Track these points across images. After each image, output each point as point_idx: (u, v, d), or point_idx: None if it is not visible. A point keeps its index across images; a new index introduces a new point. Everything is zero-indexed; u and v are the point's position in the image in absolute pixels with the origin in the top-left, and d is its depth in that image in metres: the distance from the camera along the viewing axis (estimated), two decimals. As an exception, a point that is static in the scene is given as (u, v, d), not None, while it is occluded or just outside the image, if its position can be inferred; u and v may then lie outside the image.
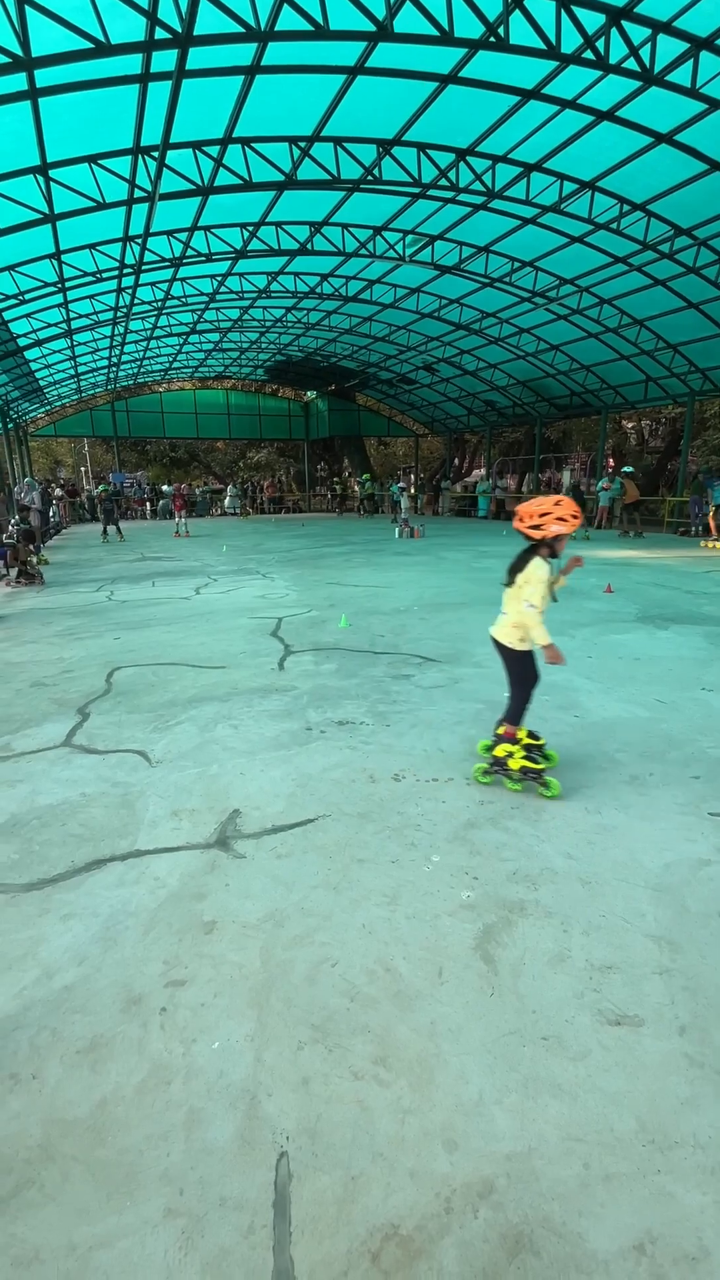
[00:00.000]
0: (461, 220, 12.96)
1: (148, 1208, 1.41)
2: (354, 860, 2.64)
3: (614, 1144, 1.52)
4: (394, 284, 16.82)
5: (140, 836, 2.85)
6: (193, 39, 6.25)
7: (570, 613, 7.22)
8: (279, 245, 13.67)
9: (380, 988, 1.99)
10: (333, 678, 4.99)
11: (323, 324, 20.74)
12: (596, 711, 4.21)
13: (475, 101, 9.21)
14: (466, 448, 35.12)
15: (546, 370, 20.50)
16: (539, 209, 11.94)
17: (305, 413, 32.54)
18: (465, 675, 5.00)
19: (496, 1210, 1.39)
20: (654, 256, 13.01)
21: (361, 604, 7.87)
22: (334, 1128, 1.57)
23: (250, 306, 18.49)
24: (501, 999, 1.94)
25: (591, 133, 9.83)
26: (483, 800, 3.10)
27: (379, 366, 24.89)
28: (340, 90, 8.74)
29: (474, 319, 18.33)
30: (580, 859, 2.62)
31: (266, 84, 8.43)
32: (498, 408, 25.00)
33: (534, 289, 15.58)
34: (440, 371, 23.76)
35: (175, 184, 10.08)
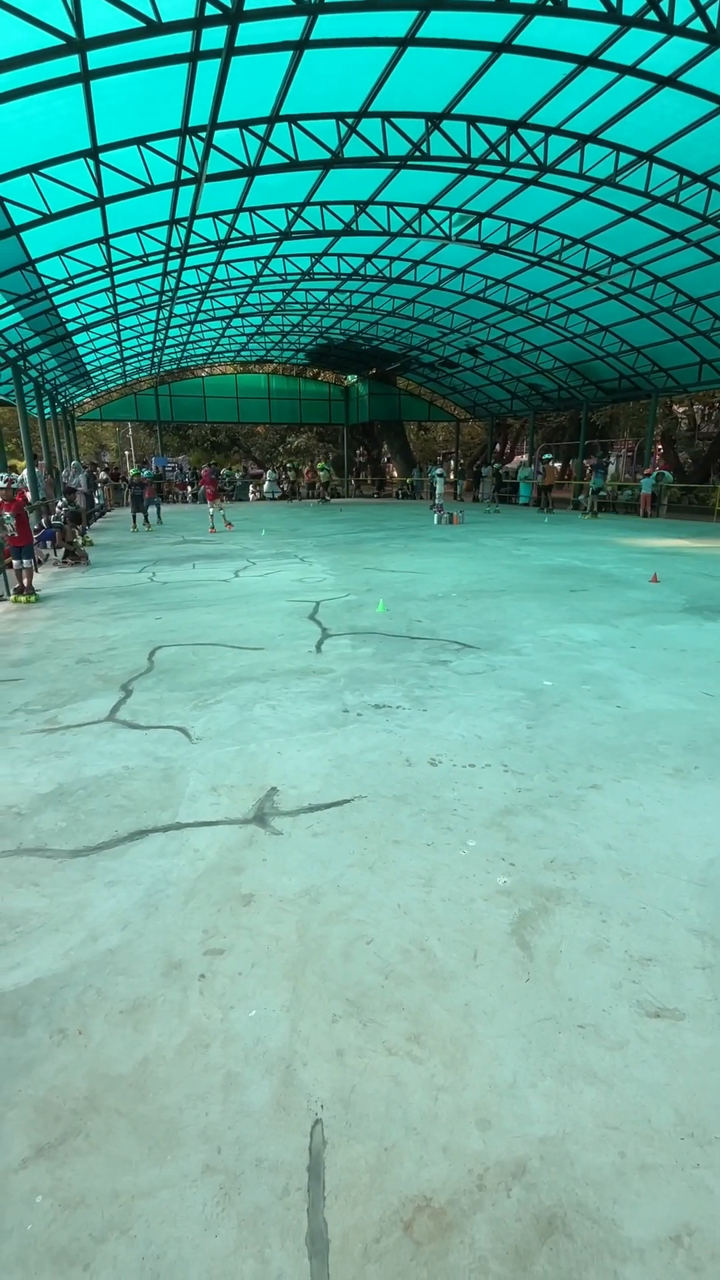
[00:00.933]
0: (510, 197, 12.58)
1: (187, 1163, 1.45)
2: (390, 841, 2.65)
3: (651, 1135, 1.50)
4: (439, 264, 16.48)
5: (181, 810, 2.92)
6: (243, 14, 6.19)
7: (615, 602, 7.05)
8: (323, 226, 13.52)
9: (414, 967, 2.00)
10: (369, 661, 4.99)
11: (365, 306, 20.51)
12: (639, 702, 4.11)
13: (529, 71, 8.88)
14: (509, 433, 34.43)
15: (595, 352, 19.87)
16: (593, 183, 11.49)
17: (345, 397, 32.35)
18: (504, 663, 4.93)
19: (530, 1191, 1.39)
20: (714, 231, 12.41)
21: (399, 589, 7.83)
22: (367, 1099, 1.59)
23: (293, 289, 18.39)
24: (537, 985, 1.93)
25: (651, 100, 9.38)
26: (520, 788, 3.06)
27: (421, 349, 24.53)
28: (390, 63, 8.54)
29: (520, 299, 17.86)
30: (620, 850, 2.57)
31: (315, 59, 8.29)
32: (542, 391, 24.39)
33: (584, 267, 15.06)
34: (484, 354, 23.26)
35: (222, 164, 10.04)
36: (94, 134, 8.64)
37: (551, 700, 4.16)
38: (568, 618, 6.35)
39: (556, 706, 4.06)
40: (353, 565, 9.85)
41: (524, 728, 3.74)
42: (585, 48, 8.37)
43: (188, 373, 31.17)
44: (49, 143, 8.67)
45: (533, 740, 3.57)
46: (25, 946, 2.10)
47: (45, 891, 2.37)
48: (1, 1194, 1.39)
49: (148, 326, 19.63)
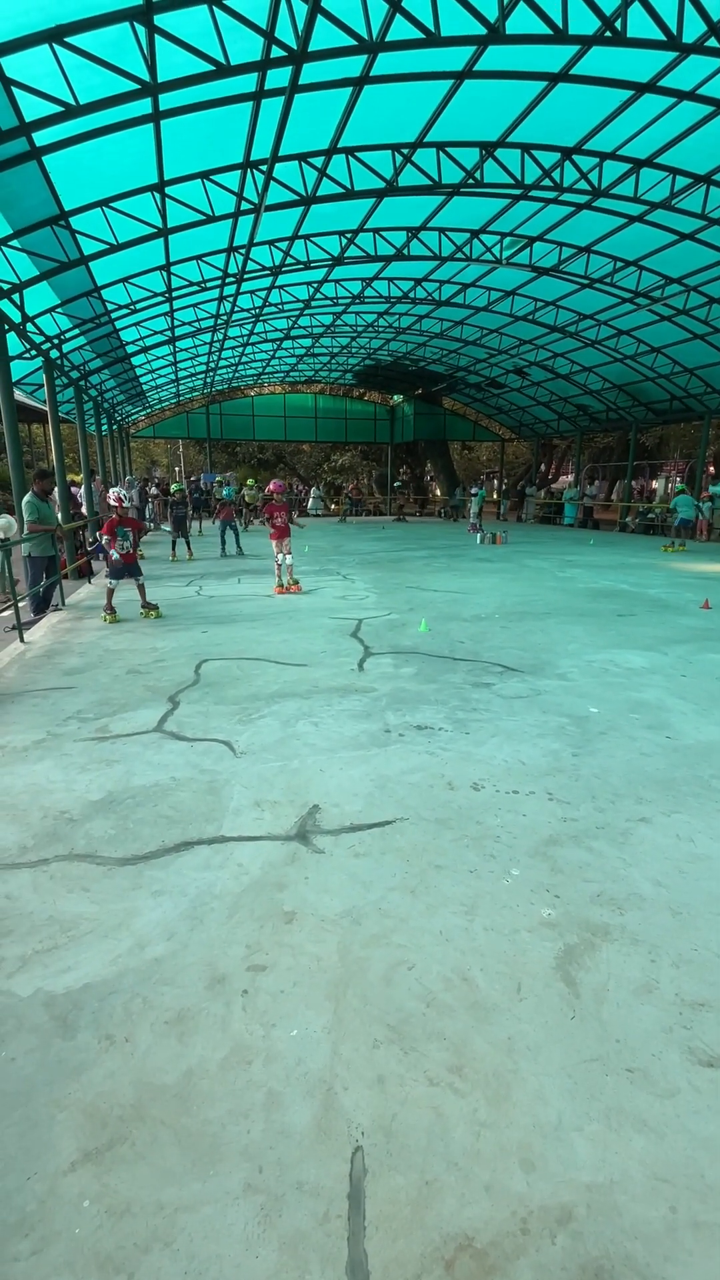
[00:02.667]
0: (563, 220, 12.62)
1: (229, 1180, 1.47)
2: (431, 866, 2.63)
3: (705, 1191, 1.44)
4: (488, 287, 16.60)
5: (225, 823, 2.96)
6: (307, 55, 6.45)
7: (664, 628, 6.88)
8: (375, 251, 13.81)
9: (456, 996, 1.98)
10: (412, 681, 4.99)
11: (413, 328, 20.77)
12: (690, 734, 3.99)
13: (584, 98, 8.94)
14: (554, 453, 34.13)
15: (645, 374, 19.60)
16: (647, 206, 11.43)
17: (390, 416, 32.69)
18: (548, 687, 4.86)
19: (575, 1239, 1.35)
20: (774, 252, 12.17)
21: (441, 609, 7.82)
22: (409, 1130, 1.58)
23: (343, 312, 18.78)
24: (583, 1023, 1.88)
25: (709, 125, 9.31)
26: (566, 818, 3.01)
27: (468, 370, 24.64)
28: (446, 95, 8.74)
29: (570, 321, 17.80)
30: (670, 887, 2.49)
31: (373, 93, 8.55)
32: (590, 412, 24.14)
33: (637, 289, 14.94)
34: (531, 375, 23.22)
35: (279, 195, 10.40)
36: (161, 169, 9.07)
37: (598, 728, 4.08)
38: (615, 643, 6.22)
39: (603, 734, 3.98)
40: (395, 584, 9.89)
41: (569, 755, 3.67)
42: (643, 75, 8.39)
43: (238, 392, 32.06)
44: (119, 178, 9.15)
45: (578, 768, 3.51)
46: (76, 951, 2.16)
47: (95, 898, 2.44)
48: (52, 1196, 1.43)
49: (202, 349, 20.32)
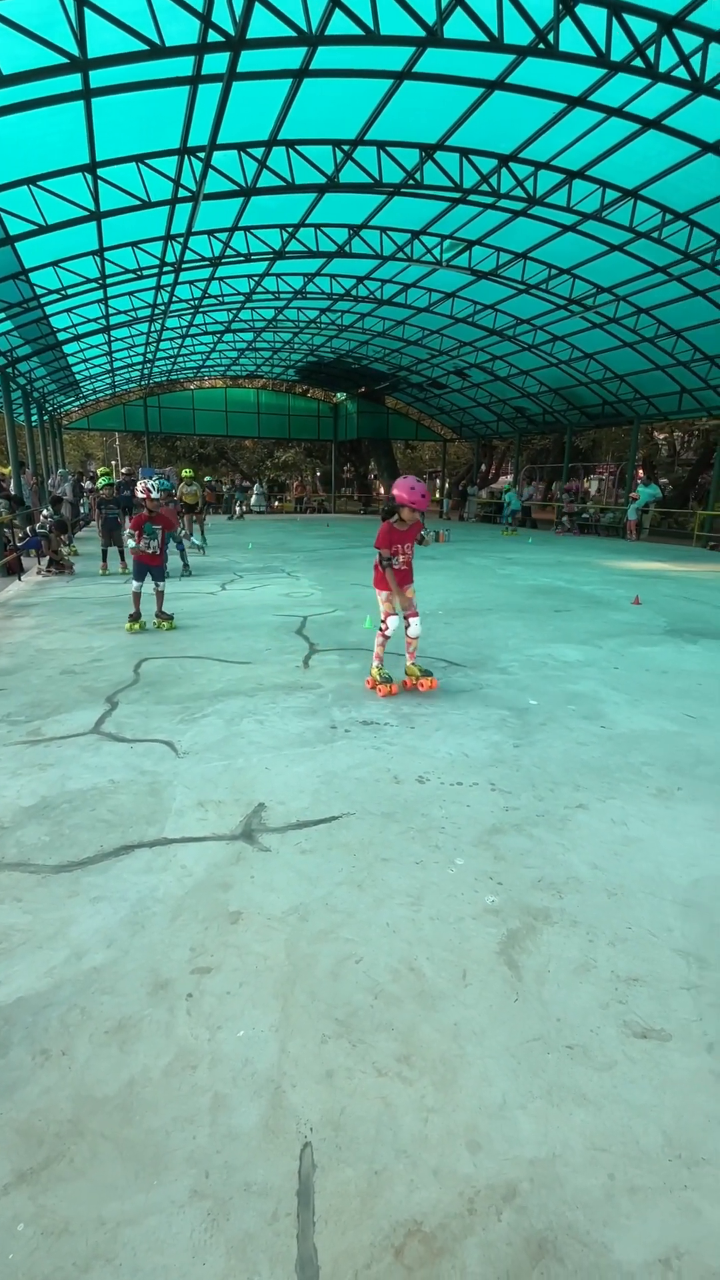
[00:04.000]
0: (500, 226, 12.92)
1: (174, 1188, 1.43)
2: (378, 859, 2.64)
3: (640, 1157, 1.51)
4: (429, 288, 16.82)
5: (167, 825, 2.89)
6: (245, 42, 6.34)
7: (598, 623, 7.16)
8: (317, 247, 13.75)
9: (404, 987, 1.99)
10: (357, 677, 5.00)
11: (356, 326, 20.82)
12: (623, 723, 4.17)
13: (520, 108, 9.18)
14: (494, 454, 34.97)
15: (579, 379, 20.33)
16: (579, 216, 11.85)
17: (334, 414, 32.66)
18: (490, 682, 4.98)
19: (520, 1214, 1.39)
20: (695, 267, 12.85)
21: (386, 606, 7.87)
22: (358, 1122, 1.58)
23: (285, 307, 18.62)
24: (526, 1005, 1.93)
25: (637, 141, 9.74)
26: (508, 807, 3.09)
27: (410, 370, 24.90)
28: (386, 95, 8.78)
29: (508, 325, 18.26)
30: (606, 870, 2.60)
31: (313, 87, 8.50)
32: (528, 414, 24.85)
33: (570, 296, 15.47)
34: (471, 377, 23.69)
35: (219, 184, 10.20)
36: (93, 150, 8.73)
37: (537, 719, 4.21)
38: (552, 637, 6.43)
39: (542, 726, 4.10)
40: (340, 581, 9.90)
41: (510, 746, 3.77)
42: (575, 89, 8.68)
43: (177, 385, 31.30)
44: (47, 156, 8.74)
45: (519, 759, 3.60)
46: (7, 964, 2.06)
47: (28, 908, 2.33)
48: (-18, 1221, 1.36)
49: (139, 339, 19.70)
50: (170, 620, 6.70)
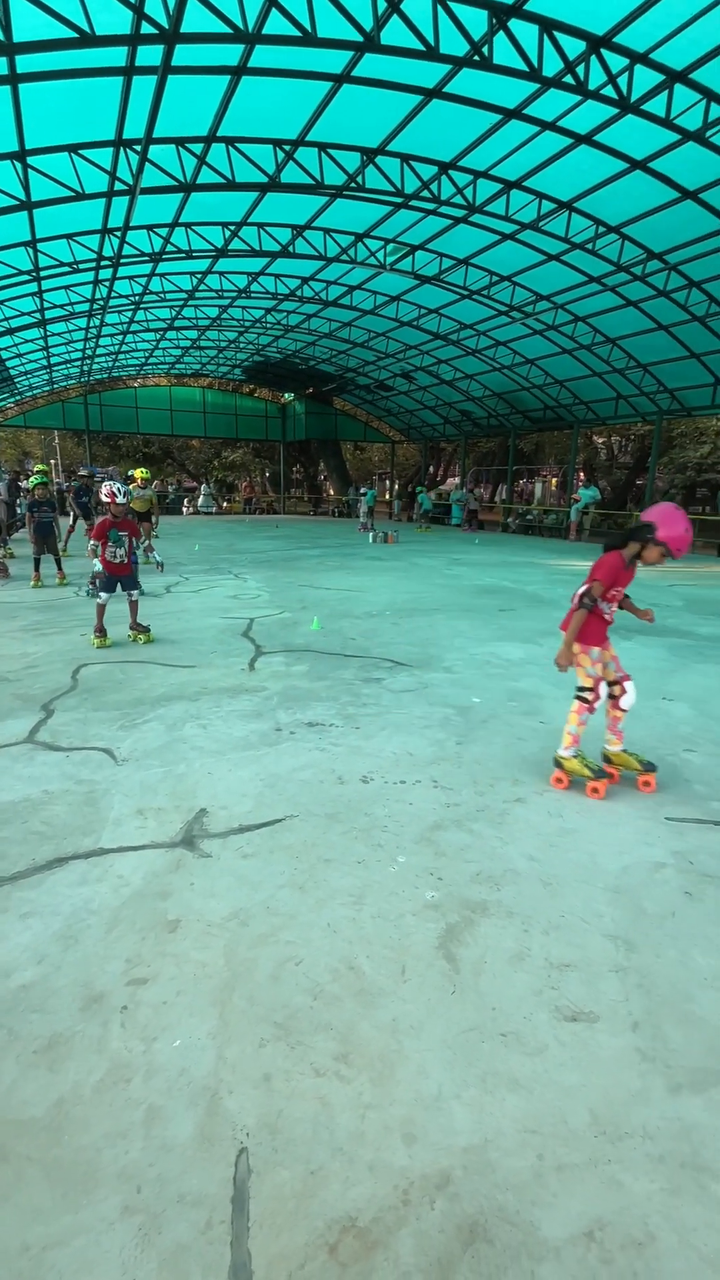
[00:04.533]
0: (442, 232, 13.14)
1: (105, 1206, 1.40)
2: (321, 860, 2.65)
3: (568, 1136, 1.57)
4: (374, 291, 16.94)
5: (104, 835, 2.81)
6: (179, 35, 6.24)
7: (540, 621, 7.36)
8: (260, 246, 13.66)
9: (344, 986, 2.00)
10: (303, 679, 4.99)
11: (302, 327, 20.77)
12: (561, 718, 4.29)
13: (458, 117, 9.37)
14: (442, 456, 35.49)
15: (521, 383, 20.87)
16: (518, 225, 12.18)
17: (282, 414, 32.49)
18: (435, 680, 5.06)
19: (453, 1201, 1.42)
20: (627, 278, 13.39)
21: (334, 607, 7.89)
22: (295, 1123, 1.58)
23: (229, 306, 18.41)
24: (463, 996, 1.98)
25: (570, 155, 10.08)
26: (449, 803, 3.14)
27: (357, 372, 25.02)
28: (326, 97, 8.80)
29: (452, 329, 18.58)
30: (542, 861, 2.68)
31: (253, 85, 8.44)
32: (473, 418, 25.34)
33: (511, 303, 15.87)
34: (418, 380, 23.98)
35: (157, 179, 10.00)
36: (22, 137, 8.42)
37: (480, 717, 4.30)
38: (496, 636, 6.59)
39: (484, 723, 4.19)
40: (288, 582, 9.85)
41: (453, 744, 3.84)
42: (510, 101, 8.91)
43: (119, 383, 30.48)
44: (-27, 141, 8.39)
45: (461, 756, 3.68)
46: (-71, 987, 1.96)
47: (-47, 927, 2.23)
48: None
49: (77, 334, 19.10)
50: (147, 633, 6.13)
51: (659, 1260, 1.32)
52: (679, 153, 9.54)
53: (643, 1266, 1.31)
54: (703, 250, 11.97)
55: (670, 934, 2.26)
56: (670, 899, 2.45)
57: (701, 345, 14.94)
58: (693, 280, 12.93)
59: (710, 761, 3.68)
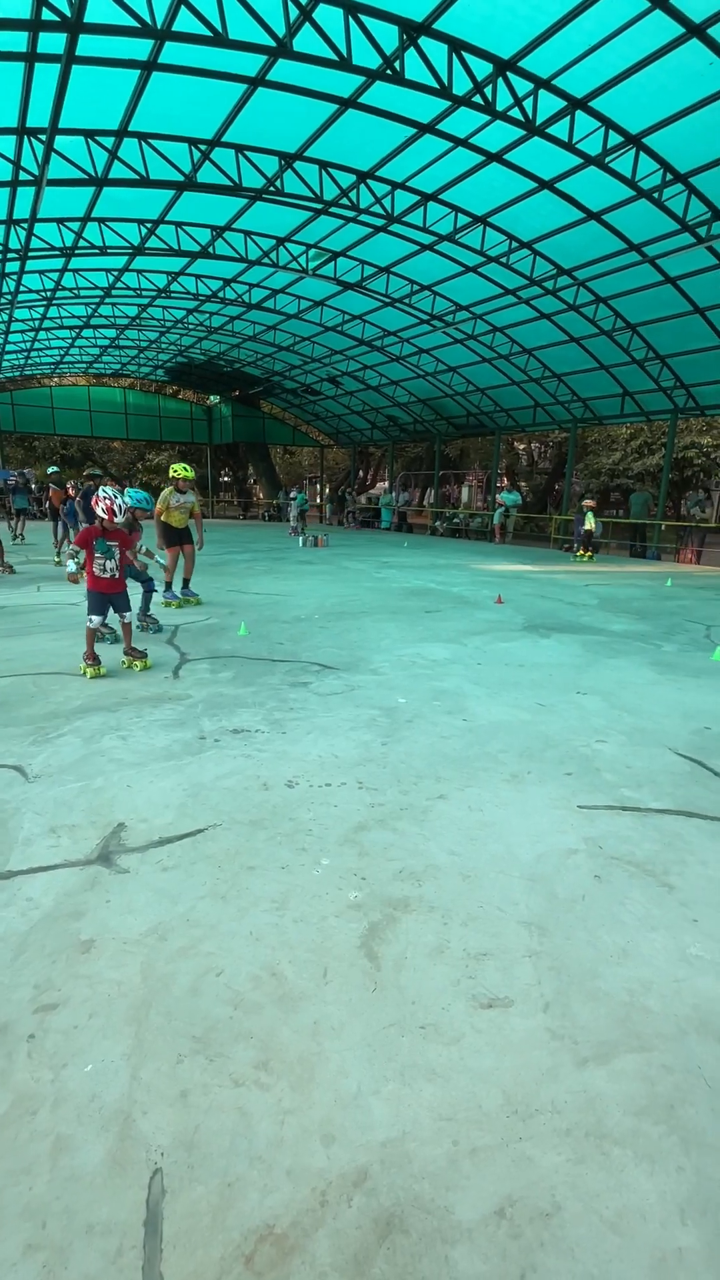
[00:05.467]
0: (363, 240, 13.32)
1: (6, 1247, 1.32)
2: (244, 868, 2.62)
3: (481, 1119, 1.62)
4: (298, 295, 16.96)
5: (12, 856, 2.67)
6: (83, 25, 6.04)
7: (464, 622, 7.57)
8: (179, 246, 13.40)
9: (265, 993, 1.99)
10: (229, 686, 4.92)
11: (226, 329, 20.50)
12: (483, 715, 4.44)
13: (375, 128, 9.53)
14: (370, 460, 35.86)
15: (444, 390, 21.42)
16: (435, 237, 12.51)
17: (208, 416, 31.92)
18: (362, 682, 5.10)
19: (370, 1196, 1.44)
20: (540, 292, 14.00)
21: (262, 611, 7.82)
22: (212, 1137, 1.55)
23: (149, 305, 17.93)
24: (384, 993, 2.00)
25: (483, 171, 10.46)
26: (374, 803, 3.18)
27: (284, 375, 24.93)
28: (242, 99, 8.75)
29: (376, 336, 18.84)
30: (462, 855, 2.75)
31: (166, 82, 8.28)
32: (399, 423, 25.77)
33: (432, 312, 16.27)
34: (344, 385, 24.16)
35: (66, 171, 9.63)
36: None
37: (405, 717, 4.37)
38: (422, 637, 6.72)
39: (409, 722, 4.27)
40: (215, 587, 9.68)
41: (379, 744, 3.89)
42: (424, 116, 9.15)
43: (33, 381, 29.08)
44: None
45: (386, 756, 3.73)
46: None
47: None
48: None
49: (-16, 329, 18.07)
50: (144, 659, 5.38)
51: (564, 1228, 1.39)
52: (582, 176, 10.08)
53: (549, 1236, 1.37)
54: (608, 268, 12.69)
55: (580, 917, 2.38)
56: (581, 883, 2.58)
57: (610, 358, 15.82)
58: (600, 296, 13.68)
59: (620, 751, 3.90)
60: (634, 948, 2.22)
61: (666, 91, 8.28)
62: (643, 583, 11.93)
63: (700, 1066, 1.77)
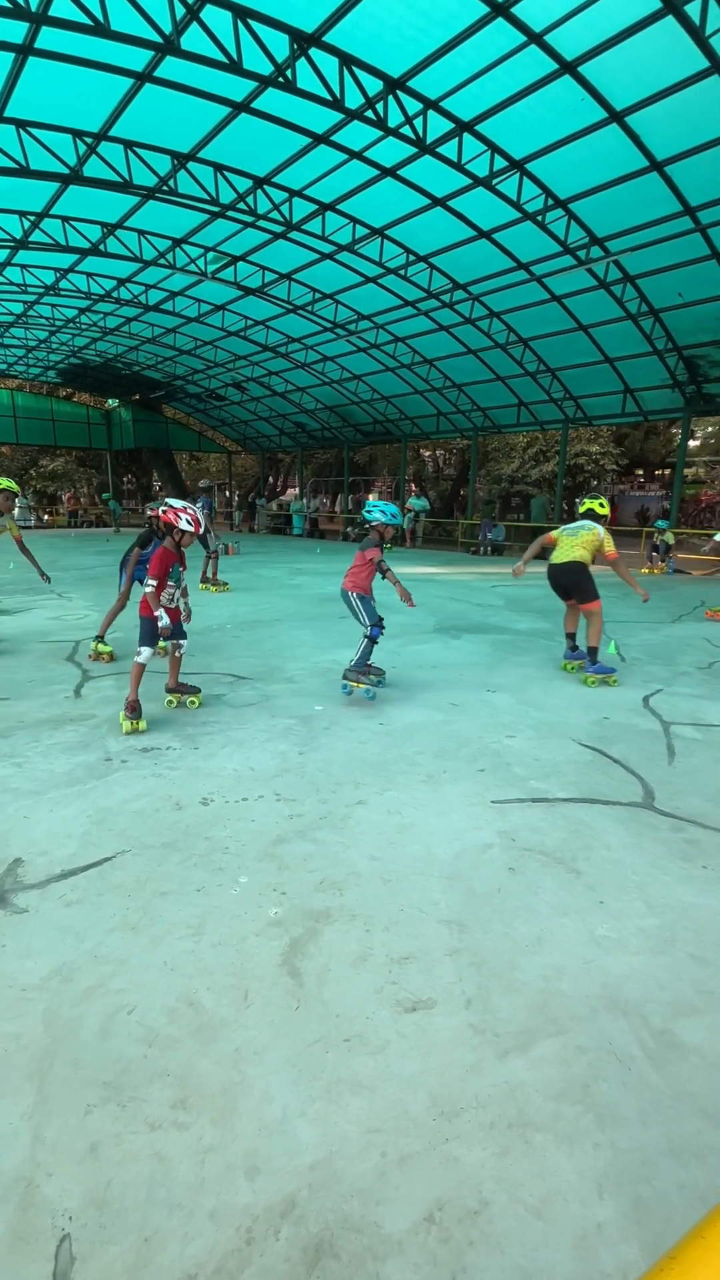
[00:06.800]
0: (263, 245, 13.24)
1: None
2: (156, 895, 2.49)
3: (409, 1125, 1.61)
4: (198, 298, 16.60)
5: None
6: (-52, 0, 5.62)
7: (377, 626, 7.64)
8: (67, 241, 12.75)
9: (182, 1025, 1.89)
10: (137, 702, 4.69)
11: (123, 330, 19.72)
12: (400, 718, 4.50)
13: (271, 134, 9.50)
14: (280, 466, 35.65)
15: (351, 398, 21.67)
16: (335, 246, 12.64)
17: (107, 421, 30.55)
18: (277, 692, 5.03)
19: (298, 1225, 1.39)
20: (437, 304, 14.48)
21: (171, 623, 7.53)
22: (126, 1190, 1.45)
23: (36, 302, 16.93)
24: (307, 1009, 1.96)
25: (379, 185, 10.69)
26: (292, 814, 3.13)
27: (186, 380, 24.31)
28: (129, 93, 8.46)
29: (280, 342, 18.77)
30: (382, 859, 2.76)
31: (46, 69, 7.86)
32: (308, 430, 25.81)
33: (335, 320, 16.42)
34: (250, 390, 23.89)
35: (-66, 154, 8.91)
36: None
37: (322, 724, 4.34)
38: (337, 643, 6.72)
39: (327, 730, 4.25)
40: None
41: (296, 754, 3.84)
42: (319, 126, 9.23)
43: None
44: None
45: (304, 765, 3.68)
46: None
47: None
48: None
49: None
50: (198, 694, 4.68)
51: (491, 1223, 1.40)
52: (473, 195, 10.54)
53: (477, 1234, 1.38)
54: (500, 284, 13.32)
55: (497, 910, 2.44)
56: (496, 877, 2.65)
57: (505, 370, 16.61)
58: (493, 311, 14.33)
59: (528, 745, 4.06)
60: (548, 935, 2.30)
61: (545, 122, 8.82)
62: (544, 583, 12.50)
63: (611, 1042, 1.86)
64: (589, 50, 7.47)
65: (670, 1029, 1.91)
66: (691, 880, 2.65)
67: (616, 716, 4.61)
